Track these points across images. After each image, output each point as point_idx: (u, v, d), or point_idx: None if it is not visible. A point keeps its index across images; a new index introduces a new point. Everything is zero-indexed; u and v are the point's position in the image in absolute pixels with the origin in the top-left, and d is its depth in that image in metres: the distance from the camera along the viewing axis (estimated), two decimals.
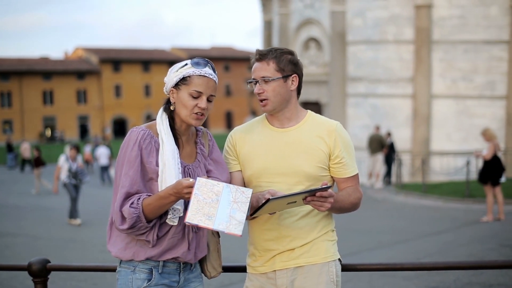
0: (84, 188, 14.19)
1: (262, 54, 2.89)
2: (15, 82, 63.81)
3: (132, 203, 2.62)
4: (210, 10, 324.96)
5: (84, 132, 67.06)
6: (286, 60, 2.89)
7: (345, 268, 3.13)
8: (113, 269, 3.08)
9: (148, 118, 64.75)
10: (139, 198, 2.63)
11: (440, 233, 11.17)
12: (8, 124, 63.83)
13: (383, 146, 20.25)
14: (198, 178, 2.51)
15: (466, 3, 22.42)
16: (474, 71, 22.57)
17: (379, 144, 20.14)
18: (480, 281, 6.93)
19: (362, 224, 12.10)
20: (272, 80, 2.88)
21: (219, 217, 2.50)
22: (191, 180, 2.52)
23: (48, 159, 36.31)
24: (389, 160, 20.90)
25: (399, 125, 23.40)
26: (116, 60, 69.40)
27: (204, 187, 2.50)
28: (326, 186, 2.64)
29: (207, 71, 2.76)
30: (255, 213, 2.71)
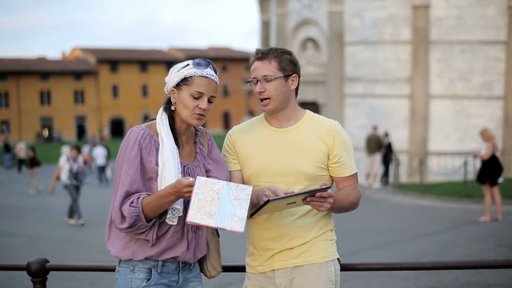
0: (83, 188, 14.18)
1: (264, 53, 2.89)
2: (13, 82, 63.75)
3: (132, 202, 2.62)
4: (208, 11, 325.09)
5: (82, 133, 66.99)
6: (287, 60, 2.90)
7: (344, 268, 3.13)
8: (112, 269, 3.08)
9: (146, 118, 64.53)
10: (139, 197, 2.63)
11: (438, 233, 11.18)
12: (6, 124, 63.78)
13: (381, 147, 20.28)
14: (198, 177, 2.51)
15: (464, 4, 22.44)
16: (472, 71, 22.58)
17: (377, 145, 20.17)
18: (478, 281, 6.94)
19: (360, 224, 12.11)
20: (274, 79, 2.87)
21: (221, 215, 2.49)
22: (191, 179, 2.52)
23: (46, 160, 36.32)
24: (387, 160, 20.92)
25: (397, 125, 23.40)
26: (114, 60, 69.35)
27: (204, 186, 2.50)
28: (326, 187, 2.63)
29: (209, 72, 2.76)
30: (255, 214, 2.71)
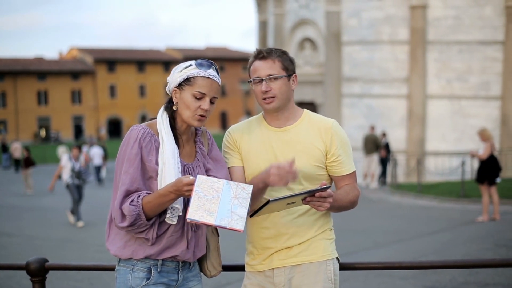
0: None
1: (268, 53, 2.91)
2: (10, 82, 63.65)
3: (132, 201, 2.62)
4: (205, 11, 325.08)
5: (79, 132, 66.93)
6: (288, 60, 2.93)
7: (343, 267, 3.13)
8: (111, 268, 3.08)
9: (143, 118, 64.62)
10: (139, 196, 2.63)
11: (436, 233, 11.19)
12: (3, 124, 63.66)
13: (378, 146, 20.29)
14: (198, 176, 2.51)
15: (461, 4, 22.45)
16: (469, 72, 22.59)
17: (374, 145, 20.19)
18: (476, 281, 6.96)
19: (358, 224, 12.11)
20: (279, 78, 2.89)
21: (221, 213, 2.50)
22: (191, 178, 2.52)
23: (43, 160, 36.32)
24: (384, 161, 20.94)
25: (394, 125, 23.41)
26: (111, 60, 69.30)
27: (205, 184, 2.51)
28: (325, 187, 2.64)
29: (211, 73, 2.78)
30: (255, 214, 2.72)
